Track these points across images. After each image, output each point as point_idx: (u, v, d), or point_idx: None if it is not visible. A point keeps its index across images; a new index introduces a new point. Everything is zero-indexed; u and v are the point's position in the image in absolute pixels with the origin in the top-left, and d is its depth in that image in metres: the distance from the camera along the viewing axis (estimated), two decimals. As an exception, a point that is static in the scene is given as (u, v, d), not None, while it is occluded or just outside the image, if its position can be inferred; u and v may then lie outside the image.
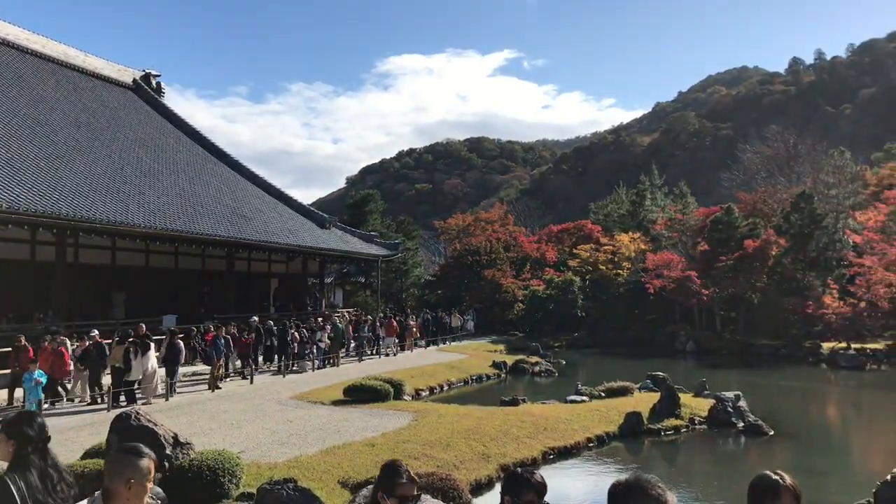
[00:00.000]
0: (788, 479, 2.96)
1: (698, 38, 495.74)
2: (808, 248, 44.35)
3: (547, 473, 12.91)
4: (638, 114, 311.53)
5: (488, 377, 30.68)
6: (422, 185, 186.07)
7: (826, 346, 38.33)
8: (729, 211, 47.82)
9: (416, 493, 3.24)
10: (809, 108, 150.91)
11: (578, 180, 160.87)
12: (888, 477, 2.54)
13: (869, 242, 41.79)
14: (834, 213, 49.03)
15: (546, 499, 3.29)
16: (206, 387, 22.00)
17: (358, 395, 19.85)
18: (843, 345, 37.60)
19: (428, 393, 25.23)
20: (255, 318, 27.98)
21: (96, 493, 3.20)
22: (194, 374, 23.89)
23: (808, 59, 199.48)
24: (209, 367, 22.76)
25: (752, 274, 44.43)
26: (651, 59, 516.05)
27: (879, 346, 37.74)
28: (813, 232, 44.53)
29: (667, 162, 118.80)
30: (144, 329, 20.29)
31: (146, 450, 3.26)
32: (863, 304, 39.93)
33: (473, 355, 35.15)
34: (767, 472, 3.08)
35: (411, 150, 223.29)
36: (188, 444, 10.90)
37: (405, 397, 21.73)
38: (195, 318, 29.13)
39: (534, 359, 35.05)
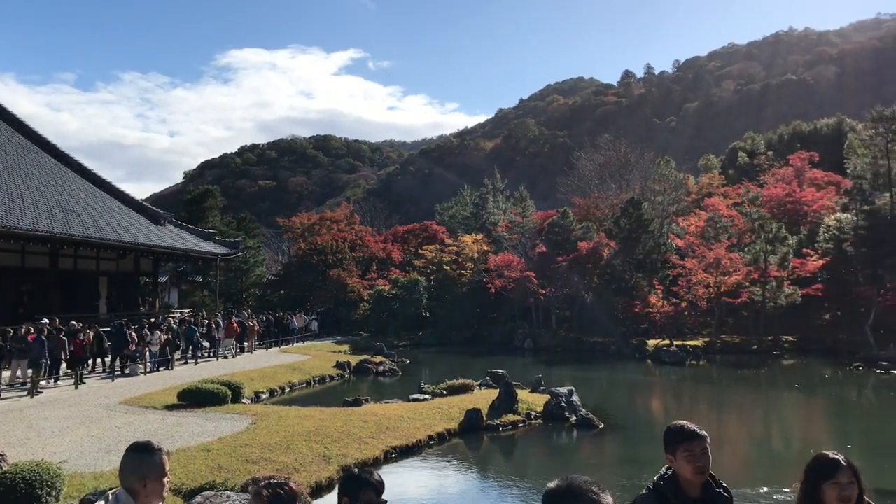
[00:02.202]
0: (844, 458, 3.34)
1: (538, 47, 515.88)
2: (636, 250, 47.18)
3: (388, 472, 12.91)
4: (481, 119, 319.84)
5: (331, 378, 30.39)
6: (265, 181, 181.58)
7: (651, 343, 40.85)
8: (565, 215, 50.05)
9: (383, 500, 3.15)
10: (639, 119, 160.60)
11: (425, 182, 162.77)
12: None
13: (690, 246, 44.97)
14: (659, 219, 52.50)
15: (387, 497, 3.26)
16: (26, 393, 20.39)
17: (193, 398, 19.07)
18: (667, 342, 40.22)
19: (268, 395, 24.65)
20: (46, 320, 24.28)
21: (110, 492, 3.14)
22: (14, 379, 22.07)
23: (639, 72, 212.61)
24: (29, 372, 21.12)
25: (585, 274, 46.71)
26: (493, 67, 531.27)
27: (698, 342, 40.69)
28: (640, 236, 47.41)
29: (508, 166, 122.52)
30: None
31: (158, 445, 3.21)
32: (684, 304, 42.98)
33: (316, 356, 34.71)
34: (825, 451, 3.44)
35: (254, 146, 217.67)
36: (1, 455, 10.05)
37: (244, 400, 21.09)
38: (13, 320, 26.91)
39: (378, 359, 35.09)
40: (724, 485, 3.66)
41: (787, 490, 13.76)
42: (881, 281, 38.70)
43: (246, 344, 35.21)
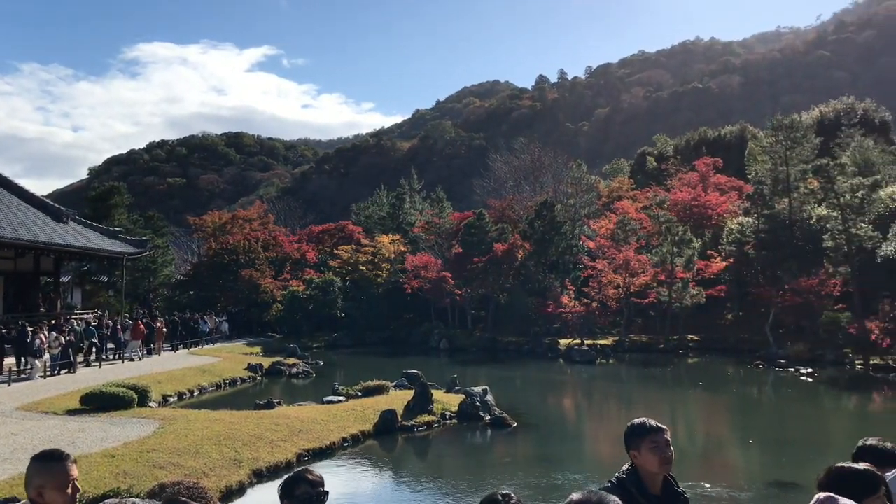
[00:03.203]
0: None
1: (455, 50, 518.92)
2: (550, 251, 48.02)
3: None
4: (397, 119, 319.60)
5: (243, 381, 29.76)
6: (175, 179, 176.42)
7: (563, 342, 41.62)
8: (480, 216, 50.53)
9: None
10: (552, 123, 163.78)
11: (341, 181, 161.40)
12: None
13: (601, 248, 46.07)
14: (572, 221, 53.59)
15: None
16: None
17: (97, 403, 18.36)
18: (578, 341, 41.04)
19: (177, 399, 23.95)
20: None
21: None
22: None
23: (553, 77, 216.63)
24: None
25: (500, 275, 47.24)
26: (410, 67, 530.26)
27: (608, 342, 41.72)
28: (554, 237, 48.29)
29: (425, 167, 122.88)
30: None
31: (64, 453, 3.03)
32: (595, 304, 44.00)
33: (227, 358, 33.95)
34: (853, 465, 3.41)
35: (163, 142, 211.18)
36: None
37: (151, 404, 20.46)
38: None
39: (291, 360, 34.57)
40: (682, 489, 3.79)
41: (691, 484, 14.23)
42: (780, 282, 40.53)
43: (153, 346, 34.13)
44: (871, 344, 33.09)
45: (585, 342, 40.55)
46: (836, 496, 3.22)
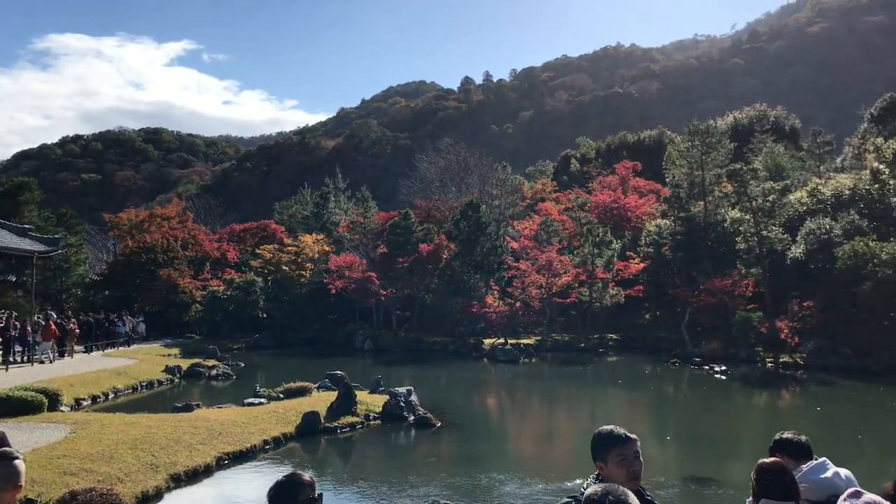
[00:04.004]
0: None
1: (381, 49, 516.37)
2: (475, 252, 48.36)
3: (221, 479, 12.42)
4: (321, 117, 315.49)
5: (160, 383, 28.95)
6: (89, 175, 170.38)
7: (488, 342, 41.97)
8: (406, 216, 50.49)
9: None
10: (478, 125, 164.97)
11: (263, 179, 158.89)
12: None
13: (525, 248, 46.67)
14: (496, 222, 54.13)
15: None
16: None
17: (2, 407, 17.51)
18: (502, 341, 41.46)
19: (90, 402, 23.11)
20: None
21: None
22: None
23: (478, 79, 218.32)
24: None
25: (425, 275, 47.31)
26: (335, 66, 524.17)
27: (531, 341, 42.26)
28: (479, 238, 48.65)
29: (350, 166, 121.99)
30: None
31: (11, 452, 2.99)
32: (518, 304, 44.53)
33: (144, 360, 32.96)
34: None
35: (77, 137, 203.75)
36: None
37: (62, 408, 19.67)
38: None
39: (211, 362, 33.79)
40: (651, 497, 3.59)
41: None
42: (695, 283, 41.83)
43: (66, 348, 32.83)
44: (782, 342, 34.46)
45: (509, 341, 40.98)
46: (862, 490, 3.42)
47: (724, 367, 32.68)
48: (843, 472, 3.95)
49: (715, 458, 16.54)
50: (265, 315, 47.78)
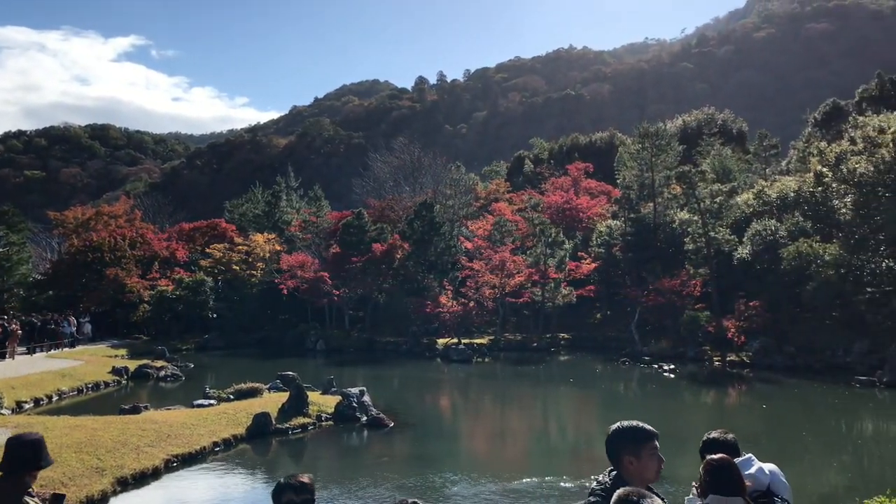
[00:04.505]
0: None
1: (334, 47, 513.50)
2: (428, 252, 48.35)
3: (169, 482, 12.20)
4: (273, 115, 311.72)
5: (107, 384, 28.33)
6: (33, 171, 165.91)
7: (441, 341, 42.00)
8: (360, 216, 50.24)
9: None
10: (432, 125, 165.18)
11: (213, 178, 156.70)
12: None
13: (478, 249, 46.84)
14: (450, 222, 54.19)
15: None
16: None
17: (-59, 411, 17.00)
18: (455, 340, 41.52)
19: (33, 405, 22.52)
20: None
21: None
22: None
23: (432, 79, 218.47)
24: None
25: (379, 275, 47.13)
26: (287, 63, 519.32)
27: (484, 340, 42.41)
28: (433, 238, 48.66)
29: (303, 165, 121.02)
30: None
31: None
32: (472, 304, 44.65)
33: (90, 361, 32.21)
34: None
35: (20, 133, 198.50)
36: None
37: (3, 411, 19.18)
38: None
39: (159, 363, 33.18)
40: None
41: (566, 478, 14.69)
42: (645, 283, 42.45)
43: (7, 349, 31.88)
44: (728, 341, 35.16)
45: (462, 341, 41.07)
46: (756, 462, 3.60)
47: (672, 366, 33.25)
48: (768, 466, 4.08)
49: (664, 455, 16.79)
50: (215, 315, 47.10)
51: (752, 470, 4.02)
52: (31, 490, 3.95)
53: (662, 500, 3.56)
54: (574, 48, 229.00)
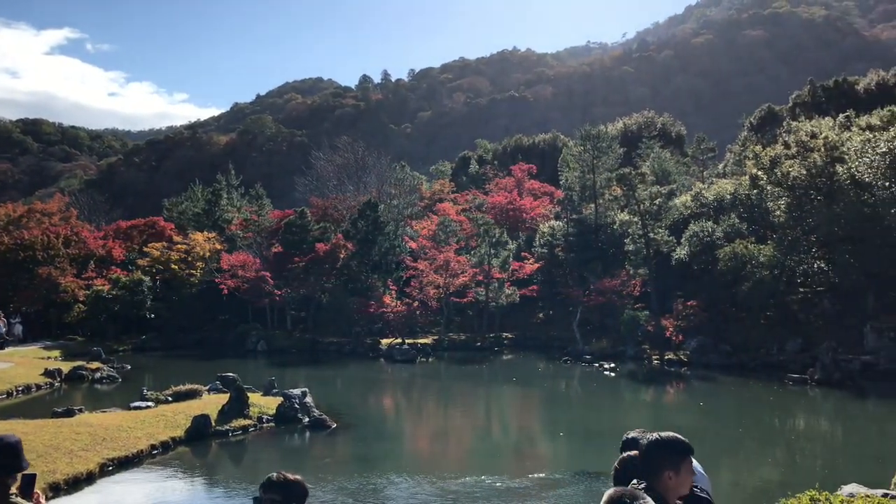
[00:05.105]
0: None
1: (277, 44, 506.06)
2: (373, 252, 48.15)
3: (104, 487, 11.90)
4: (213, 112, 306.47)
5: (39, 387, 27.44)
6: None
7: (385, 342, 41.85)
8: (302, 215, 49.75)
9: None
10: (376, 123, 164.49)
11: (152, 175, 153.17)
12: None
13: (423, 248, 46.85)
14: (395, 221, 54.09)
15: None
16: None
17: None
18: (399, 341, 41.44)
19: (-41, 409, 21.70)
20: None
21: None
22: None
23: (377, 78, 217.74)
24: None
25: (322, 275, 46.75)
26: (228, 59, 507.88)
27: (428, 340, 42.43)
28: (377, 237, 48.48)
29: (244, 163, 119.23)
30: None
31: None
32: (416, 304, 44.64)
33: (21, 363, 31.15)
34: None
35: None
36: None
37: (-72, 416, 18.40)
38: None
39: (95, 364, 32.29)
40: None
41: (507, 477, 14.79)
42: (586, 283, 43.06)
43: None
44: (667, 340, 35.89)
45: (406, 341, 41.02)
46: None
47: (612, 365, 33.79)
48: None
49: (605, 452, 17.03)
50: (153, 316, 46.10)
51: None
52: (13, 493, 4.00)
53: (708, 494, 3.65)
54: (518, 50, 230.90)
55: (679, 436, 3.41)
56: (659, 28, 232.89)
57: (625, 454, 4.09)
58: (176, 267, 48.23)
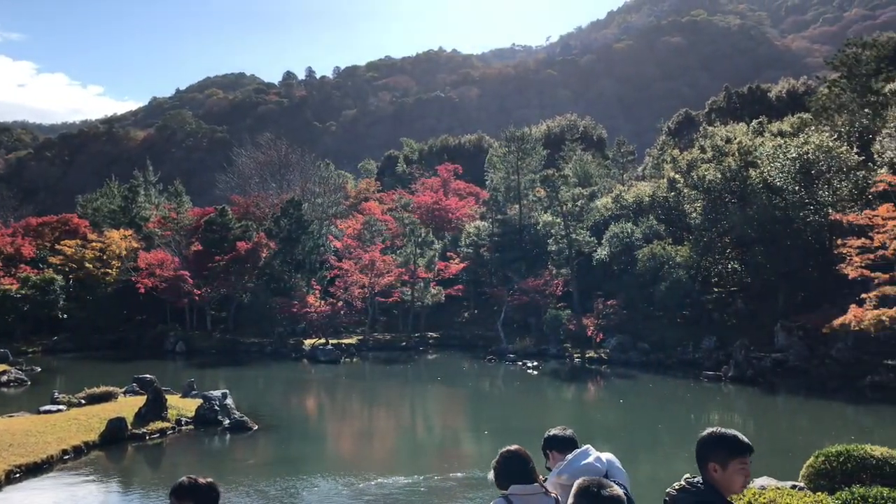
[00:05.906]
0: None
1: (197, 37, 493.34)
2: (296, 251, 47.53)
3: (9, 494, 11.41)
4: (130, 106, 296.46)
5: (-60, 391, 26.11)
6: None
7: (308, 342, 41.37)
8: (223, 212, 48.70)
9: None
10: (300, 121, 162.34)
11: (65, 170, 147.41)
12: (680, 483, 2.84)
13: (348, 248, 46.50)
14: (319, 220, 53.51)
15: None
16: None
17: None
18: (323, 341, 41.03)
19: None
20: None
21: None
22: None
23: (301, 74, 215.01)
24: None
25: (243, 274, 45.87)
26: (146, 52, 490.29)
27: (353, 340, 42.16)
28: (300, 236, 47.88)
29: (162, 159, 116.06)
30: None
31: None
32: (340, 304, 44.26)
33: (-80, 366, 29.58)
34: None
35: None
36: None
37: None
38: None
39: (1, 367, 30.90)
40: None
41: (431, 476, 14.80)
42: (510, 282, 43.52)
43: None
44: (588, 339, 36.59)
45: (330, 341, 40.63)
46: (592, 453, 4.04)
47: (535, 363, 34.25)
48: (605, 455, 4.29)
49: (529, 450, 17.20)
50: (66, 316, 44.40)
51: (590, 459, 4.21)
52: None
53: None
54: (444, 50, 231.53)
55: (740, 435, 3.37)
56: (582, 32, 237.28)
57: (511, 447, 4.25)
58: (90, 265, 46.58)
